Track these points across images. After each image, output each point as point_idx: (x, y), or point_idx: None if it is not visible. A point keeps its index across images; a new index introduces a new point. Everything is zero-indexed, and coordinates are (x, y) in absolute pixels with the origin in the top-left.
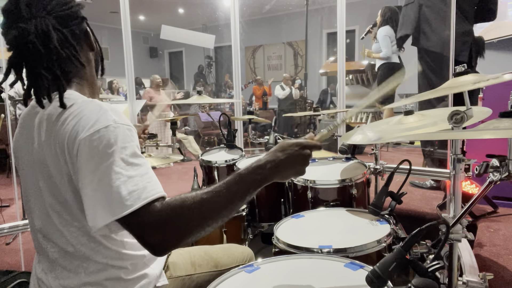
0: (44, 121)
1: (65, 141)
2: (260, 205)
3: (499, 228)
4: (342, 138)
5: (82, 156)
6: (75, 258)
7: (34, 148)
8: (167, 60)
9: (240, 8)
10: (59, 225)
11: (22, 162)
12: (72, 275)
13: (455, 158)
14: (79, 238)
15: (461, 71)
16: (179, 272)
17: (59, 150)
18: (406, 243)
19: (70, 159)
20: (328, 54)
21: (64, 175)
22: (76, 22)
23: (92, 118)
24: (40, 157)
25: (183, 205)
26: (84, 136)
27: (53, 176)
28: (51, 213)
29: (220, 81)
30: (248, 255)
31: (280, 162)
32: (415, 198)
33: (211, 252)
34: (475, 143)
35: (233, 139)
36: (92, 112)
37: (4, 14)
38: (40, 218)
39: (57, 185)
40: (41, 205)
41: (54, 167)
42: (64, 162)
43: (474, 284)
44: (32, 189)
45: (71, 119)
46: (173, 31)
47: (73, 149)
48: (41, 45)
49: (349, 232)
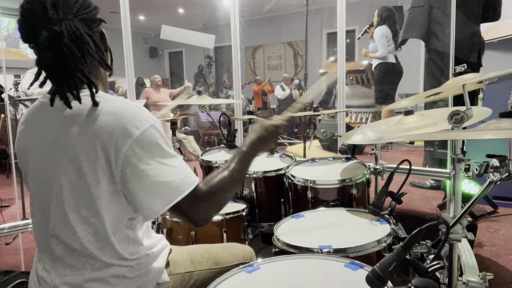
0: (69, 119)
1: (111, 139)
2: (260, 205)
3: (499, 228)
4: (342, 138)
5: (135, 154)
6: (81, 255)
7: (57, 145)
8: (167, 60)
9: (240, 8)
10: (73, 222)
11: (33, 160)
12: (76, 272)
13: (455, 158)
14: (89, 237)
15: (461, 71)
16: (178, 269)
17: (100, 146)
18: (406, 243)
19: (115, 156)
20: (328, 54)
21: (100, 170)
22: (96, 25)
23: (136, 117)
24: (66, 154)
25: (218, 184)
26: (136, 135)
27: (84, 172)
28: (68, 208)
29: (220, 81)
30: (249, 254)
31: (264, 138)
32: (415, 198)
33: (211, 250)
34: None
35: (233, 139)
36: (133, 111)
37: (25, 14)
38: (54, 214)
39: (85, 180)
40: (57, 202)
41: (87, 163)
42: (105, 158)
43: (474, 284)
44: (46, 185)
45: (110, 116)
46: (173, 31)
47: (123, 146)
48: (76, 48)
49: (349, 232)
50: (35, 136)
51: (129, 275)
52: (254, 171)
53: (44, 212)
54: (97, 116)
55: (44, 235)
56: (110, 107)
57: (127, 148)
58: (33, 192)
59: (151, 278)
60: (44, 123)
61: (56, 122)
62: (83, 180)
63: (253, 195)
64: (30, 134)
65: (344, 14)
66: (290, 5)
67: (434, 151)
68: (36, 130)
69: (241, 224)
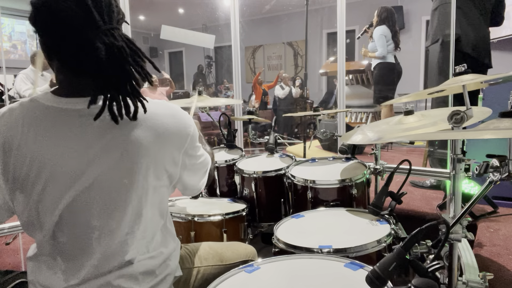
0: (122, 126)
1: (173, 134)
2: (260, 205)
3: (499, 228)
4: (342, 138)
5: (191, 145)
6: (119, 254)
7: (110, 152)
8: (167, 60)
9: (240, 8)
10: (130, 222)
11: (56, 168)
12: (106, 272)
13: (455, 158)
14: (138, 233)
15: (461, 71)
16: (187, 264)
17: (165, 147)
18: (406, 243)
19: (179, 149)
20: (328, 54)
21: (169, 164)
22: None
23: (183, 115)
24: (125, 158)
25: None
26: (192, 129)
27: (153, 170)
28: (123, 211)
29: (220, 81)
30: (251, 252)
31: None
32: (415, 198)
33: (216, 247)
34: (475, 143)
35: (233, 139)
36: (179, 109)
37: (64, 17)
38: (100, 217)
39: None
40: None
41: (153, 160)
42: (171, 152)
43: (474, 284)
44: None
45: (167, 117)
46: (173, 31)
47: (185, 141)
48: (134, 57)
49: (349, 232)
50: (62, 143)
51: (156, 271)
52: (254, 171)
53: (86, 215)
54: (157, 119)
55: (75, 242)
56: (155, 107)
57: (187, 141)
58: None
59: (170, 272)
60: (77, 130)
61: (100, 129)
62: (144, 180)
63: (253, 195)
64: (49, 141)
65: (344, 14)
66: (290, 5)
67: (434, 151)
68: (71, 137)
69: (241, 224)
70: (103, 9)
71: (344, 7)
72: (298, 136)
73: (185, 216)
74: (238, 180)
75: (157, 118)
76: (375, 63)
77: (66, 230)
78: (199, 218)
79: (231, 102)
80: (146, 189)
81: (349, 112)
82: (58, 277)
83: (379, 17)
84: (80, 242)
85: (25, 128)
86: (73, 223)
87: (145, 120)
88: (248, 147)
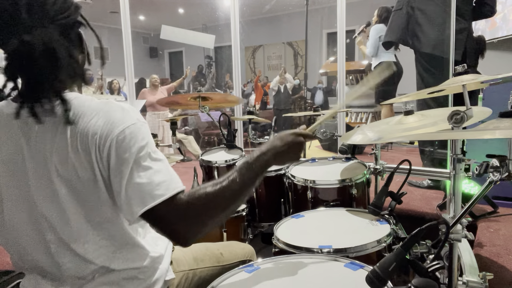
0: (46, 126)
1: (95, 140)
2: (260, 205)
3: (499, 228)
4: (342, 138)
5: (112, 154)
6: (93, 264)
7: (38, 154)
8: (167, 60)
9: (240, 8)
10: (83, 229)
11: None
12: (86, 282)
13: (455, 158)
14: (102, 242)
15: (461, 71)
16: (182, 267)
17: (88, 148)
18: (406, 243)
19: (100, 157)
20: (328, 54)
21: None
22: (75, 30)
23: (117, 117)
24: (54, 162)
25: (208, 194)
26: (115, 134)
27: (80, 181)
28: (73, 218)
29: (220, 81)
30: (249, 252)
31: (279, 148)
32: (415, 198)
33: (213, 248)
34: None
35: (233, 139)
36: (116, 112)
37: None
38: (59, 225)
39: (82, 189)
40: (58, 213)
41: (81, 171)
42: (92, 161)
43: (474, 284)
44: (34, 198)
45: (94, 118)
46: (173, 31)
47: (104, 147)
48: (48, 61)
49: (349, 232)
50: (7, 151)
51: (140, 276)
52: None
53: (45, 226)
54: (80, 118)
55: (49, 252)
56: (93, 108)
57: (108, 148)
58: (9, 212)
59: (160, 276)
60: (6, 133)
61: (35, 133)
62: (80, 190)
63: (253, 195)
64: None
65: (344, 14)
66: (290, 5)
67: (430, 151)
68: (7, 143)
69: (241, 224)
70: (34, 5)
71: (344, 7)
72: None
73: None
74: None
75: (80, 117)
76: (375, 63)
77: (21, 248)
78: None
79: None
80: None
81: (349, 112)
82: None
83: (379, 17)
84: (43, 257)
85: None
86: (28, 240)
87: (72, 122)
88: (248, 147)
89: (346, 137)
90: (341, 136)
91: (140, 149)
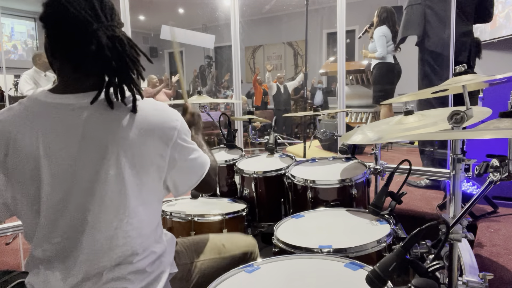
0: (113, 117)
1: (158, 127)
2: (260, 205)
3: (499, 228)
4: (342, 138)
5: (180, 138)
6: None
7: (101, 142)
8: (167, 60)
9: (240, 8)
10: (119, 217)
11: (57, 163)
12: (97, 276)
13: (455, 158)
14: (131, 232)
15: (461, 71)
16: (183, 260)
17: (153, 139)
18: (406, 243)
19: (165, 142)
20: (328, 54)
21: (155, 157)
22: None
23: (168, 109)
24: (116, 150)
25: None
26: (179, 123)
27: (138, 163)
28: (110, 203)
29: (220, 82)
30: (251, 243)
31: (199, 125)
32: (415, 198)
33: (215, 240)
34: (475, 143)
35: (233, 139)
36: (164, 105)
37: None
38: (93, 212)
39: (139, 171)
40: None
41: (140, 156)
42: (156, 146)
43: (474, 284)
44: (84, 184)
45: (151, 112)
46: (173, 31)
47: (172, 134)
48: (131, 55)
49: (349, 232)
50: (62, 138)
51: (148, 270)
52: (254, 171)
53: (80, 211)
54: (141, 113)
55: (67, 239)
56: (146, 104)
57: (175, 137)
58: (53, 195)
59: (164, 270)
60: (73, 123)
61: (87, 123)
62: (136, 175)
63: (253, 195)
64: (43, 136)
65: (344, 14)
66: (290, 5)
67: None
68: (62, 131)
69: (241, 224)
70: (107, 11)
71: (344, 7)
72: (298, 136)
73: (185, 216)
74: (238, 180)
75: (141, 112)
76: (374, 63)
77: (60, 229)
78: (199, 218)
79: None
80: (131, 183)
81: (349, 112)
82: (56, 278)
83: (379, 18)
84: (71, 239)
85: (22, 123)
86: (66, 220)
87: (131, 115)
88: (248, 147)
89: (346, 137)
90: (341, 136)
91: (189, 134)
